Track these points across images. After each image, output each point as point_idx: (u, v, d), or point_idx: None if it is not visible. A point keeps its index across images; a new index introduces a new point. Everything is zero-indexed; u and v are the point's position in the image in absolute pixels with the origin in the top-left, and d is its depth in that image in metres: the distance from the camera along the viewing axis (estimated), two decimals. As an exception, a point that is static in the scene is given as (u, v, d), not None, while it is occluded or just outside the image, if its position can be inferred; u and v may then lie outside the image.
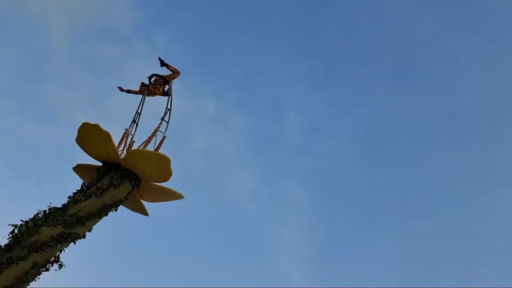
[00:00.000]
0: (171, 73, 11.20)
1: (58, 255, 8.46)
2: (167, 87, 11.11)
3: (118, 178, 9.39)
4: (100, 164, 10.21)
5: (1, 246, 7.58)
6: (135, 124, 11.17)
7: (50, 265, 8.14)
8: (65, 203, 8.61)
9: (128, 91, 10.94)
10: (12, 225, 7.77)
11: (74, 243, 8.57)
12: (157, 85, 11.08)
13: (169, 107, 11.01)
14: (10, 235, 7.67)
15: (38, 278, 8.04)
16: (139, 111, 11.11)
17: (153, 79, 11.18)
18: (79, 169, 10.68)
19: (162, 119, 10.98)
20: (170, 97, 11.10)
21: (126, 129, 10.89)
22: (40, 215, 8.18)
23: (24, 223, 7.85)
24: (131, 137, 11.00)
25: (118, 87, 10.85)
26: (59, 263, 8.45)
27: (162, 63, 11.29)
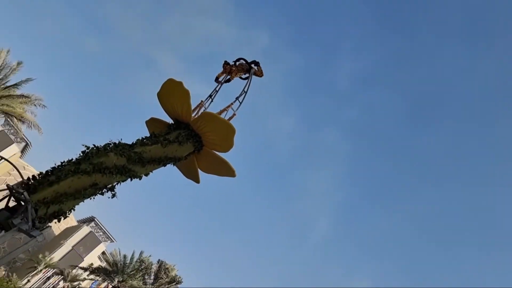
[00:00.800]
0: (258, 71, 11.90)
1: (115, 185, 8.94)
2: (247, 75, 11.76)
3: (184, 136, 9.80)
4: (171, 122, 10.70)
5: (72, 158, 8.21)
6: (210, 99, 11.77)
7: (106, 190, 8.64)
8: (134, 142, 9.07)
9: (216, 79, 11.47)
10: (85, 146, 8.40)
11: (131, 179, 9.06)
12: (240, 69, 11.77)
13: (245, 90, 11.62)
14: (81, 153, 8.31)
15: (93, 198, 8.57)
16: (217, 89, 11.66)
17: (238, 62, 11.78)
18: (151, 122, 11.24)
19: (237, 98, 11.50)
20: (249, 81, 11.78)
21: (202, 100, 11.47)
22: (111, 145, 8.68)
23: (95, 147, 8.45)
24: (204, 109, 11.52)
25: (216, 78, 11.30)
26: (113, 192, 8.80)
27: (256, 63, 12.03)
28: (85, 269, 41.08)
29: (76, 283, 66.18)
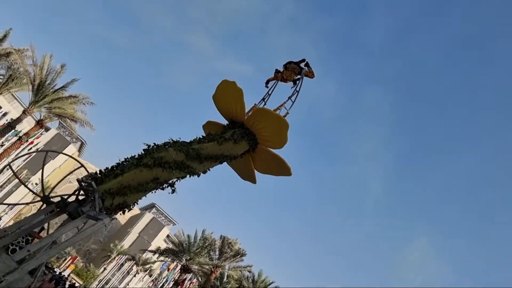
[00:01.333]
0: (309, 72, 12.01)
1: (174, 182, 9.23)
2: (298, 77, 11.93)
3: (239, 134, 10.03)
4: (226, 123, 10.96)
5: (135, 155, 8.67)
6: (263, 102, 12.02)
7: (166, 186, 8.98)
8: (191, 140, 9.45)
9: (266, 83, 11.76)
10: (146, 144, 8.85)
11: (190, 176, 9.37)
12: (292, 73, 12.00)
13: (298, 89, 11.71)
14: (143, 151, 8.73)
15: (154, 192, 8.91)
16: (269, 93, 11.84)
17: (289, 65, 11.99)
18: (207, 125, 11.59)
19: (289, 98, 11.57)
20: (301, 82, 11.90)
21: (255, 104, 11.55)
22: (170, 142, 9.07)
23: (155, 144, 8.87)
24: None
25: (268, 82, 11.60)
26: (173, 188, 9.19)
27: (306, 64, 12.07)
28: (154, 252, 43.25)
29: (147, 266, 70.14)
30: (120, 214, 8.53)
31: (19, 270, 5.75)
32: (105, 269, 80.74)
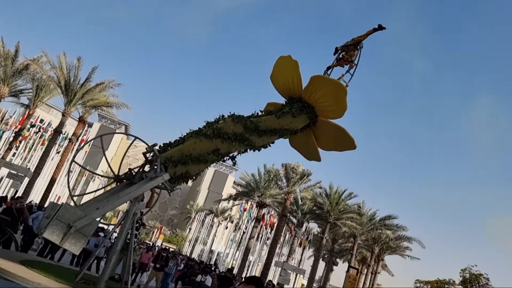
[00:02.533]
0: (362, 37, 11.20)
1: (235, 155, 9.28)
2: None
3: (297, 108, 9.67)
4: (284, 101, 10.52)
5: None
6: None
7: (228, 158, 9.05)
8: (249, 114, 9.35)
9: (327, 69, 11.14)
10: (206, 121, 8.87)
11: (248, 151, 9.30)
12: (351, 52, 11.31)
13: (356, 62, 11.02)
14: (204, 123, 8.81)
15: (215, 164, 9.07)
16: (328, 73, 11.15)
17: (344, 49, 11.30)
18: (267, 107, 11.08)
19: (347, 71, 10.98)
20: (359, 55, 11.17)
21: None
22: (228, 115, 9.05)
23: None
24: None
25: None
26: (234, 161, 9.35)
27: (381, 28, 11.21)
28: (227, 199, 45.29)
29: (226, 214, 74.09)
30: (184, 183, 8.78)
31: (86, 218, 6.42)
32: (190, 229, 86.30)
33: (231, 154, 9.00)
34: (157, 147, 8.08)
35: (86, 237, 6.47)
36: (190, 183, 9.94)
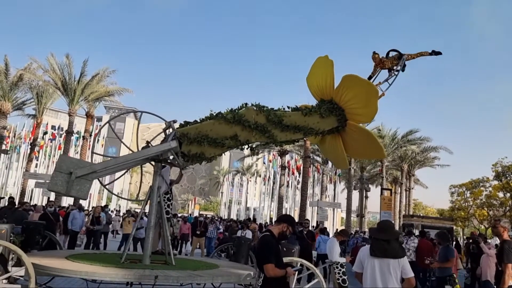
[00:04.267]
0: (410, 56, 10.63)
1: (254, 146, 8.95)
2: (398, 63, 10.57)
3: (326, 109, 9.08)
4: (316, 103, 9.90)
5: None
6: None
7: (246, 146, 8.65)
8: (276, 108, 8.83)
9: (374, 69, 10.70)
10: (229, 108, 8.46)
11: (270, 143, 9.00)
12: (393, 60, 10.68)
13: (396, 73, 10.30)
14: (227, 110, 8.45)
15: (229, 150, 8.74)
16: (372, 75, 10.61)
17: (391, 54, 10.74)
18: None
19: (386, 80, 10.36)
20: (402, 63, 10.47)
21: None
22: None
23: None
24: None
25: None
26: (253, 150, 9.02)
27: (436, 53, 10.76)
28: (250, 155, 45.81)
29: (253, 169, 75.30)
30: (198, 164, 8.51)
31: (88, 167, 6.67)
32: (222, 193, 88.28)
33: (250, 144, 8.54)
34: (177, 124, 8.03)
35: (89, 181, 6.69)
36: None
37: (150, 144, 8.11)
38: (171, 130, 7.99)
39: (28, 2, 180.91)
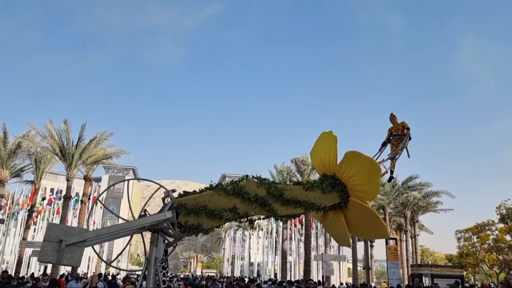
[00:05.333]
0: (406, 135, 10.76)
1: (252, 220, 8.89)
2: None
3: (328, 184, 9.02)
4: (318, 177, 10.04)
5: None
6: (379, 153, 11.07)
7: (244, 220, 8.56)
8: (278, 182, 9.11)
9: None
10: (230, 181, 8.60)
11: (270, 217, 8.77)
12: (401, 137, 10.86)
13: (400, 151, 10.50)
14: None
15: (229, 221, 8.80)
16: (381, 150, 10.80)
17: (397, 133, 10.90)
18: None
19: (390, 158, 10.58)
20: (406, 142, 10.65)
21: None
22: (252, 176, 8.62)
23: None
24: None
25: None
26: (252, 224, 9.18)
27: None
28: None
29: (255, 224, 74.01)
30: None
31: (78, 235, 6.53)
32: (224, 249, 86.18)
33: (249, 217, 8.38)
34: (176, 194, 7.85)
35: (81, 248, 6.48)
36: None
37: (147, 213, 7.99)
38: (169, 199, 7.93)
39: (29, 68, 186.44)
